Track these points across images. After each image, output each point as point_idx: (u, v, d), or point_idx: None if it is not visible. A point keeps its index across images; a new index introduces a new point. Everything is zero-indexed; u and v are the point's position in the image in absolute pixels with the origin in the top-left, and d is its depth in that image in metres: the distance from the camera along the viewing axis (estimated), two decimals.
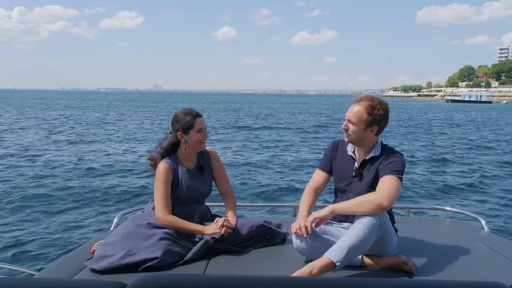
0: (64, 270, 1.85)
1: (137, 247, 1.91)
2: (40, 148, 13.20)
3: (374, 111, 1.93)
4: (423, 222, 2.76)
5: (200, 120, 2.19)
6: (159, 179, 2.14)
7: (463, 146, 15.70)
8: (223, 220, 2.09)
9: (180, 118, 2.19)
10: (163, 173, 2.14)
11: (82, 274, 1.83)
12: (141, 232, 2.00)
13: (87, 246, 2.14)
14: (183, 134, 2.18)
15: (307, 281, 1.12)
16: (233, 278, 1.07)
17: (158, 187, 2.13)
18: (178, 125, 2.18)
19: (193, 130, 2.16)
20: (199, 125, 2.17)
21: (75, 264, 1.91)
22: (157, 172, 2.16)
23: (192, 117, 2.17)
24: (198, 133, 2.17)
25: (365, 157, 2.01)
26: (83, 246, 2.26)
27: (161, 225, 2.07)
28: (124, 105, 53.45)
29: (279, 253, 2.10)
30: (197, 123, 2.17)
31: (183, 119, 2.18)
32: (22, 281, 1.13)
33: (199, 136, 2.17)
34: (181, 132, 2.18)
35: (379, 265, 1.89)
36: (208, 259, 2.00)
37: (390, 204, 1.80)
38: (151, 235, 1.98)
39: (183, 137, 2.18)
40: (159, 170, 2.15)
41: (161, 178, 2.13)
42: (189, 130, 2.16)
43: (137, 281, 1.03)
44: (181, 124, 2.17)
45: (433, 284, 1.10)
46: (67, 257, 2.11)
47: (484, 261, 2.00)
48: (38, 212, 6.39)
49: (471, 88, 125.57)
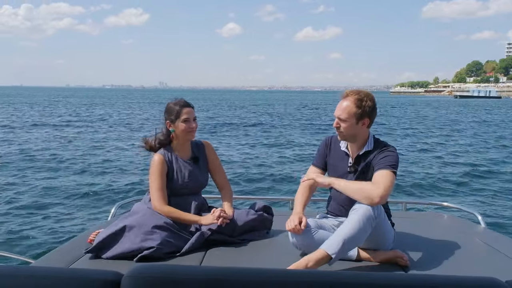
0: (61, 259, 1.86)
1: (134, 236, 1.92)
2: (39, 141, 13.35)
3: (363, 103, 1.93)
4: (419, 217, 2.76)
5: (187, 110, 2.18)
6: (154, 170, 2.14)
7: (462, 142, 15.57)
8: (220, 211, 2.10)
9: (169, 107, 2.21)
10: (158, 164, 2.15)
11: (79, 263, 1.84)
12: (138, 222, 2.01)
13: (84, 236, 2.15)
14: (171, 123, 2.20)
15: (303, 273, 1.13)
16: (229, 269, 1.08)
17: (153, 179, 2.14)
18: (167, 115, 2.21)
19: (179, 120, 2.17)
20: (185, 114, 2.17)
21: (72, 253, 1.93)
22: (152, 164, 2.17)
23: (180, 106, 2.18)
24: (185, 123, 2.17)
25: (358, 152, 2.01)
26: (80, 235, 2.27)
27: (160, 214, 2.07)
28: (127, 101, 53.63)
29: (276, 246, 2.12)
30: (183, 113, 2.17)
31: (172, 107, 2.20)
32: (19, 269, 1.14)
33: (186, 126, 2.18)
34: (169, 121, 2.20)
35: (375, 259, 1.89)
36: (205, 251, 2.01)
37: (382, 198, 1.79)
38: (147, 225, 1.99)
39: (171, 126, 2.20)
40: (154, 162, 2.16)
41: (156, 169, 2.14)
42: (176, 119, 2.18)
43: (133, 271, 1.04)
44: (169, 113, 2.19)
45: (428, 278, 1.10)
46: (64, 246, 2.12)
47: (479, 256, 2.00)
48: (36, 202, 6.46)
49: (479, 83, 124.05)
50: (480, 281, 1.04)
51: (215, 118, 25.33)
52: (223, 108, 39.58)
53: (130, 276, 1.03)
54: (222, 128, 19.20)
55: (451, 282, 1.06)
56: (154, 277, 1.02)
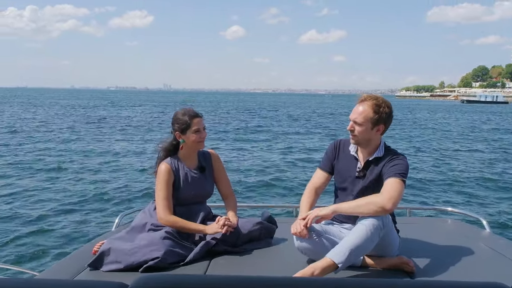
0: (66, 271, 1.86)
1: (138, 247, 1.91)
2: (42, 148, 13.30)
3: (380, 109, 1.92)
4: (424, 223, 2.75)
5: (197, 120, 2.17)
6: (160, 179, 2.13)
7: (465, 147, 15.46)
8: (225, 219, 2.09)
9: (178, 118, 2.18)
10: (165, 173, 2.13)
11: (84, 275, 1.84)
12: (143, 233, 2.01)
13: (89, 247, 2.14)
14: (180, 134, 2.17)
15: (309, 281, 1.12)
16: (234, 278, 1.07)
17: (159, 188, 2.12)
18: (176, 125, 2.18)
19: (190, 131, 2.15)
20: (196, 125, 2.15)
21: (77, 265, 1.92)
22: (158, 173, 2.16)
23: (190, 117, 2.16)
24: (195, 134, 2.16)
25: (368, 158, 2.00)
26: (84, 246, 2.26)
27: (162, 225, 2.07)
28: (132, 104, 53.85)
29: (281, 254, 2.10)
30: (194, 124, 2.15)
31: (181, 119, 2.16)
32: (24, 282, 1.13)
33: (196, 137, 2.16)
34: (178, 132, 2.17)
35: (381, 266, 1.89)
36: (210, 260, 2.00)
37: (393, 207, 1.79)
38: (152, 235, 1.99)
39: (180, 137, 2.18)
40: (161, 171, 2.14)
41: (163, 179, 2.13)
42: (186, 130, 2.15)
43: (138, 281, 1.03)
44: (179, 124, 2.16)
45: (434, 284, 1.10)
46: (69, 257, 2.12)
47: (485, 261, 1.99)
48: (40, 213, 6.44)
49: (485, 88, 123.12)
50: (485, 286, 1.03)
51: (221, 122, 25.30)
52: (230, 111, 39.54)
53: (136, 286, 1.02)
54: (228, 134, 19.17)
55: (457, 287, 1.05)
56: (160, 287, 1.02)
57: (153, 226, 2.06)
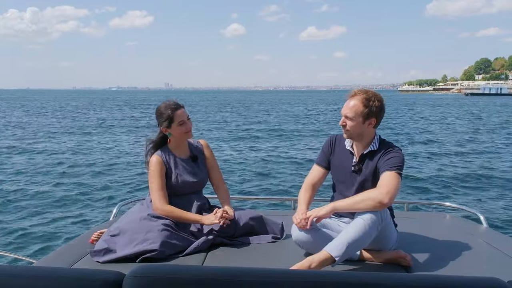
0: (63, 259, 1.87)
1: (136, 238, 1.93)
2: (42, 141, 13.55)
3: (370, 103, 1.92)
4: (422, 218, 2.74)
5: (180, 112, 2.16)
6: (152, 172, 2.15)
7: (464, 140, 15.38)
8: (222, 211, 2.10)
9: (161, 112, 2.18)
10: (156, 164, 2.15)
11: (81, 264, 1.85)
12: (141, 224, 2.02)
13: (86, 236, 2.17)
14: (166, 128, 2.18)
15: (306, 274, 1.13)
16: (232, 270, 1.07)
17: (152, 180, 2.14)
18: (161, 119, 2.19)
19: (174, 124, 2.16)
20: (179, 117, 2.15)
21: (74, 254, 1.94)
22: (149, 165, 2.18)
23: (172, 110, 2.15)
24: (180, 126, 2.17)
25: (363, 152, 2.00)
26: (82, 235, 2.27)
27: (159, 216, 2.08)
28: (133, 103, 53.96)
29: (278, 246, 2.11)
30: (177, 116, 2.15)
31: (164, 113, 2.16)
32: (21, 269, 1.15)
33: (182, 129, 2.17)
34: (164, 127, 2.18)
35: (378, 259, 1.89)
36: (206, 252, 2.01)
37: (390, 200, 1.79)
38: (150, 226, 2.00)
39: (167, 131, 2.19)
40: (152, 163, 2.16)
41: (155, 169, 2.14)
42: (171, 124, 2.16)
43: (135, 271, 1.05)
44: (163, 119, 2.16)
45: (430, 278, 1.10)
46: (67, 246, 2.13)
47: (482, 256, 1.98)
48: (38, 202, 6.51)
49: (488, 80, 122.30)
50: (482, 281, 1.03)
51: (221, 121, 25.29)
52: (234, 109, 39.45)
53: (132, 276, 1.03)
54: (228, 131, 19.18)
55: (453, 282, 1.05)
56: (156, 278, 1.03)
57: (150, 217, 2.07)
